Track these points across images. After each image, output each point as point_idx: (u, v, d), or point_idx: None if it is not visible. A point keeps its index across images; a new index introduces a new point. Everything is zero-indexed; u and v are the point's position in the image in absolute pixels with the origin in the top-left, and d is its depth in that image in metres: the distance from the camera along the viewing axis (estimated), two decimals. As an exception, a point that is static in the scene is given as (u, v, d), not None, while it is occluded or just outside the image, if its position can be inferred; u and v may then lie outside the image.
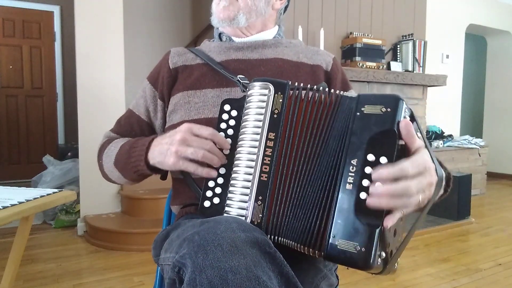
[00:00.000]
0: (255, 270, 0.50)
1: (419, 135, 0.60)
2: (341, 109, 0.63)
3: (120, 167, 0.84)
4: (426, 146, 0.59)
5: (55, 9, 4.52)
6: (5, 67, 4.36)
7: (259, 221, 0.64)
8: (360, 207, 0.56)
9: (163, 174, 0.84)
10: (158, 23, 4.25)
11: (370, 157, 0.56)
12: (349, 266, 0.57)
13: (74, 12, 2.66)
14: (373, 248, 0.55)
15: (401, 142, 0.56)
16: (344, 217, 0.57)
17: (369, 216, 0.55)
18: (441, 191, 0.63)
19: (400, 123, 0.56)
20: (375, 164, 0.56)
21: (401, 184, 0.53)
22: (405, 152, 0.58)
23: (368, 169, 0.56)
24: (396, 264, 0.61)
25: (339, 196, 0.59)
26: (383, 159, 0.56)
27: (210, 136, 0.68)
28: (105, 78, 2.76)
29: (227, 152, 0.69)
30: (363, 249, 0.55)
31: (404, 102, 0.58)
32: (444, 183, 0.64)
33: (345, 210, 0.57)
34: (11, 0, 4.32)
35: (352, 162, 0.58)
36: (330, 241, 0.58)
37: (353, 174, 0.58)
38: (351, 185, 0.57)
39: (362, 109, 0.59)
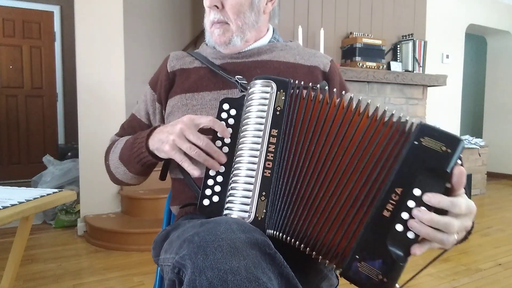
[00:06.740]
0: (255, 271, 0.50)
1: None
2: (389, 126, 0.60)
3: (125, 160, 0.85)
4: (465, 192, 0.58)
5: (55, 9, 4.51)
6: (5, 67, 4.36)
7: (262, 216, 0.64)
8: (393, 238, 0.55)
9: (164, 164, 0.85)
10: (158, 23, 4.25)
11: (416, 192, 0.55)
12: None
13: (74, 12, 2.66)
14: (395, 281, 0.55)
15: (448, 185, 0.55)
16: (373, 242, 0.56)
17: (400, 249, 0.55)
18: None
19: (454, 170, 0.54)
20: (418, 200, 0.55)
21: (447, 219, 0.53)
22: (449, 195, 0.57)
23: (411, 203, 0.55)
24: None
25: (372, 218, 0.57)
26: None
27: (210, 123, 0.68)
28: (105, 78, 2.75)
29: (228, 141, 0.69)
30: (385, 279, 0.55)
31: (463, 144, 0.56)
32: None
33: (376, 235, 0.56)
34: (11, 0, 4.31)
35: (396, 190, 0.56)
36: (351, 260, 0.57)
37: (394, 203, 0.56)
38: (390, 213, 0.56)
39: (421, 139, 0.56)
